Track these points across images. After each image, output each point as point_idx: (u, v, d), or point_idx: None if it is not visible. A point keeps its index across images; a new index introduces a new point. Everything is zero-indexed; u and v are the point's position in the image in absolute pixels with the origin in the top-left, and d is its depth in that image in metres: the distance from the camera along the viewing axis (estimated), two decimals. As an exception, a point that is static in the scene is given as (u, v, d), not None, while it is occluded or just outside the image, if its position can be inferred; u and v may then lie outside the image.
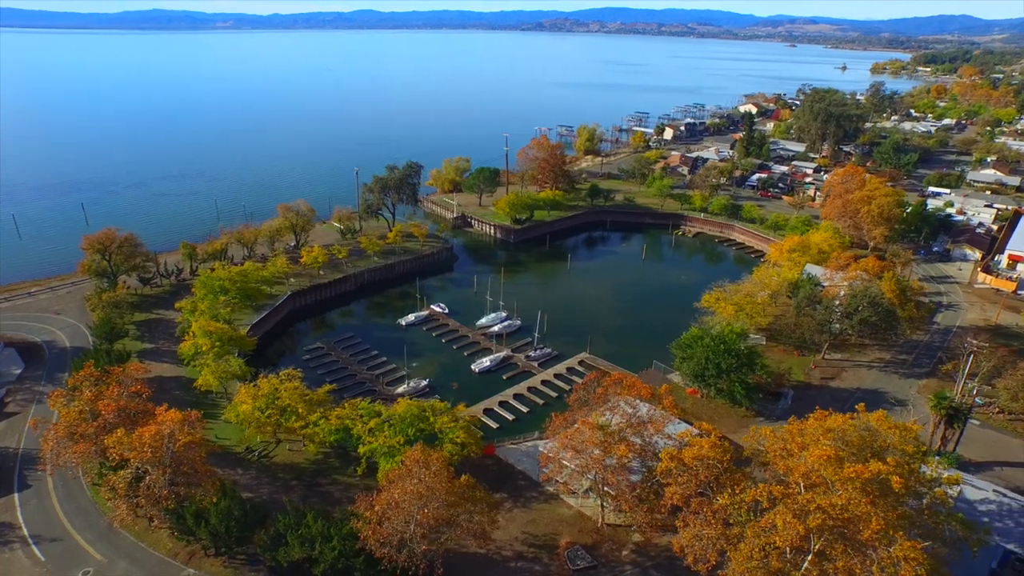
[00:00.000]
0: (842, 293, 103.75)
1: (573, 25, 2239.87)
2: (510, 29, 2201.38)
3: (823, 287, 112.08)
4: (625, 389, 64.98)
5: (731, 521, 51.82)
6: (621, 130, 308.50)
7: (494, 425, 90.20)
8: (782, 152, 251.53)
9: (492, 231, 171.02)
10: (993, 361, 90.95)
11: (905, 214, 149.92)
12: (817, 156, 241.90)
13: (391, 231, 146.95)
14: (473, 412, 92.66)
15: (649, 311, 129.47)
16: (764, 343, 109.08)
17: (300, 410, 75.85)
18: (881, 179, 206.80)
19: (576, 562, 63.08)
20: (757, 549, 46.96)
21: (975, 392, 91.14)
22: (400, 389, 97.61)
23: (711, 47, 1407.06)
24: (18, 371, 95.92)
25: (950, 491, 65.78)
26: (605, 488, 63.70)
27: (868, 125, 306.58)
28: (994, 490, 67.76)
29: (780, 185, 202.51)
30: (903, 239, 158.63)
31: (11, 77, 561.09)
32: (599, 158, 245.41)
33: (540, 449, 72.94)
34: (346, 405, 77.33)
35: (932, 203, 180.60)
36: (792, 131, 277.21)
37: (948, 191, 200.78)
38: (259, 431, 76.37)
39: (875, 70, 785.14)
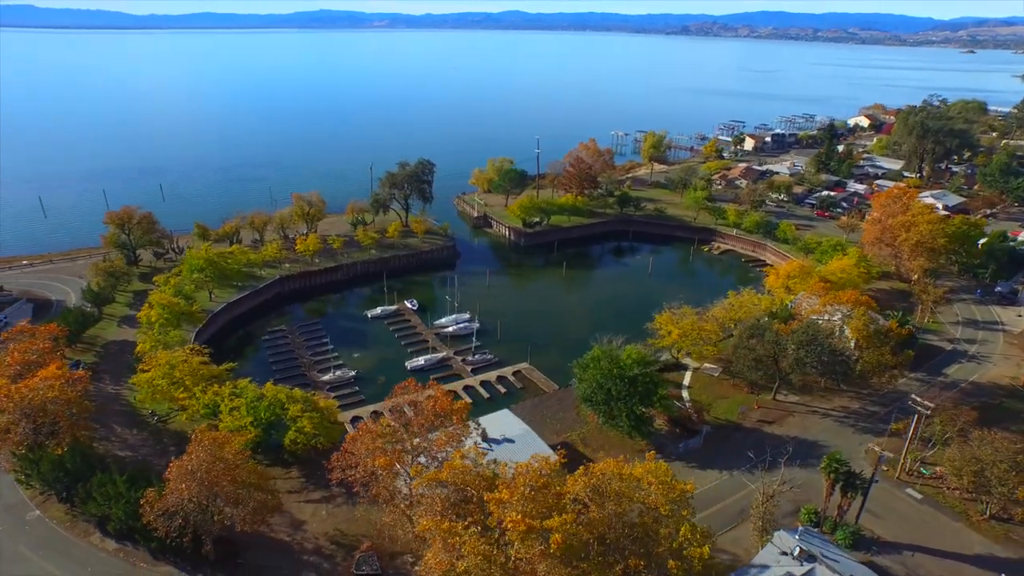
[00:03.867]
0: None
1: (720, 29, 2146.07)
2: (655, 32, 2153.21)
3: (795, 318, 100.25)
4: (429, 400, 62.93)
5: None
6: (703, 138, 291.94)
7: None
8: (870, 169, 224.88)
9: (507, 233, 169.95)
10: (959, 426, 76.71)
11: (958, 244, 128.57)
12: (912, 175, 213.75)
13: (391, 226, 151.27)
14: (379, 407, 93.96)
15: (621, 328, 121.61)
16: (717, 375, 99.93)
17: (187, 383, 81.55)
18: (977, 205, 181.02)
19: (362, 567, 62.27)
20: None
21: (920, 460, 78.05)
22: (325, 377, 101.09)
23: (869, 54, 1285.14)
24: (24, 322, 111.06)
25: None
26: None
27: (1003, 142, 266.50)
28: None
29: (844, 205, 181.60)
30: (967, 273, 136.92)
31: (183, 77, 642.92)
32: (661, 165, 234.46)
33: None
34: (227, 384, 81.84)
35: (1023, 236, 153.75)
36: (891, 147, 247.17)
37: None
38: (151, 398, 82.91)
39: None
